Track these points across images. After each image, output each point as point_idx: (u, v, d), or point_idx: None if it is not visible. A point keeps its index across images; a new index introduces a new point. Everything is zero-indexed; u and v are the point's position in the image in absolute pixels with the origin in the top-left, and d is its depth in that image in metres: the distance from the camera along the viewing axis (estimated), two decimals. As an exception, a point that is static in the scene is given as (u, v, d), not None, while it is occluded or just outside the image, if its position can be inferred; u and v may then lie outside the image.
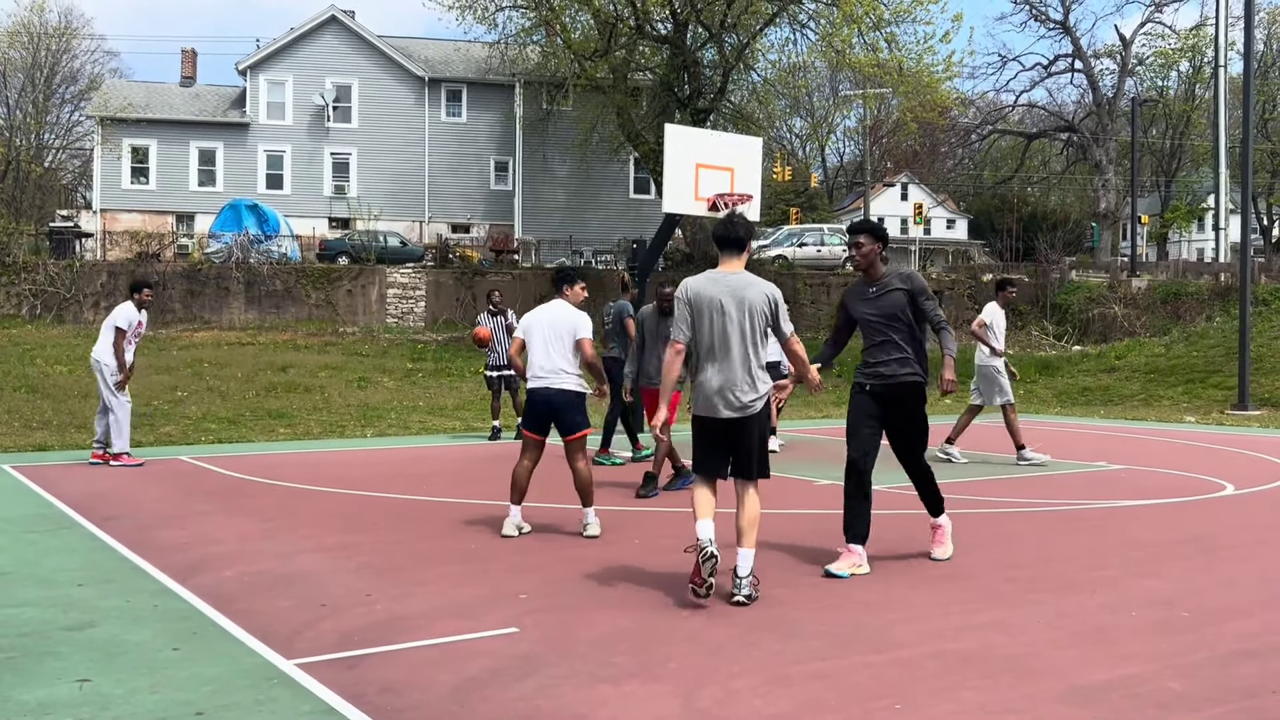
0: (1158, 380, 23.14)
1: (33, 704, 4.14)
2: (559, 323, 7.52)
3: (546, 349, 7.48)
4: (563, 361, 7.45)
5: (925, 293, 6.60)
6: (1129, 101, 44.66)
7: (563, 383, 7.44)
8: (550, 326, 7.53)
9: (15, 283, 27.50)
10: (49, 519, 8.24)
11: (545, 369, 7.45)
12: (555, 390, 7.42)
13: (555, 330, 7.49)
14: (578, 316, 7.53)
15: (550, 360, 7.44)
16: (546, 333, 7.52)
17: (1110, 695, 4.26)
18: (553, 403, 7.44)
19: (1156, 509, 8.92)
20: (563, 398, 7.42)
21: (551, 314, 7.60)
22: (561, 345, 7.46)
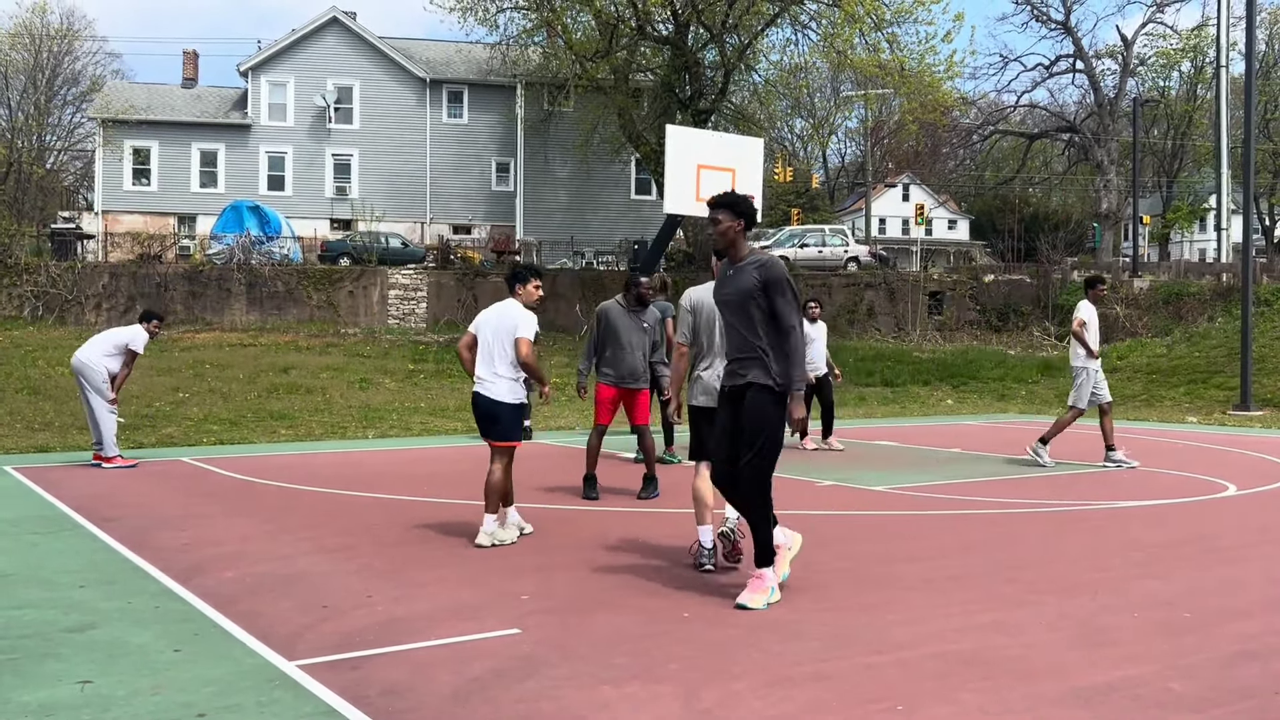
0: (1159, 381, 23.13)
1: (34, 705, 4.14)
2: (503, 323, 7.31)
3: (489, 351, 7.30)
4: (502, 365, 7.25)
5: (781, 287, 5.55)
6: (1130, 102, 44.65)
7: (499, 391, 7.25)
8: (494, 327, 7.34)
9: (17, 284, 27.53)
10: (51, 520, 8.25)
11: (484, 374, 7.29)
12: (489, 399, 7.26)
13: (497, 332, 7.31)
14: (520, 316, 7.28)
15: (490, 364, 7.27)
16: (488, 335, 7.33)
17: (1111, 696, 4.26)
18: (487, 409, 7.28)
19: (1158, 510, 8.91)
20: (497, 407, 7.25)
21: (498, 313, 7.39)
22: (503, 348, 7.26)
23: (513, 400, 7.29)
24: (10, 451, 12.81)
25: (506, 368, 7.27)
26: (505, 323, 7.30)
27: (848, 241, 39.01)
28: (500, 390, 7.25)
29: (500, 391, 7.25)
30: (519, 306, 7.37)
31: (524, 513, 8.59)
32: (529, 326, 7.27)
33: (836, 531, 7.88)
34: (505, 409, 7.28)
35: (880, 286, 32.91)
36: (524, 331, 7.23)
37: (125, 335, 11.38)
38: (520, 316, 7.28)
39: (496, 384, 7.26)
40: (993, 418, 19.02)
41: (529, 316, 7.32)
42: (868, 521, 8.29)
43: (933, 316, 32.58)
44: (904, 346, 29.42)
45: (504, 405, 7.26)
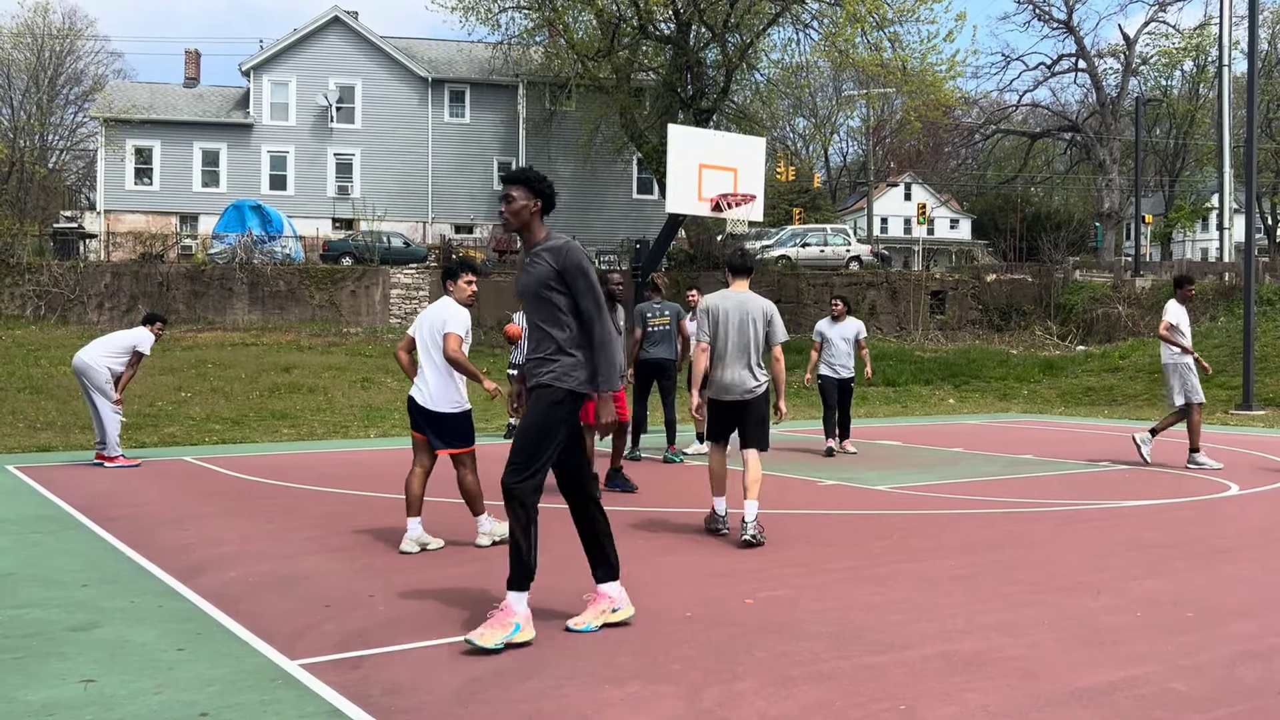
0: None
1: (38, 705, 4.14)
2: (435, 323, 7.00)
3: (426, 353, 6.99)
4: (430, 368, 6.95)
5: (575, 274, 4.98)
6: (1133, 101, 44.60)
7: (437, 402, 6.92)
8: (429, 328, 7.03)
9: (20, 284, 27.55)
10: (53, 520, 8.26)
11: (420, 380, 7.02)
12: (429, 410, 6.94)
13: (432, 333, 6.99)
14: (451, 312, 6.97)
15: (425, 368, 6.99)
16: (425, 336, 7.02)
17: (1114, 696, 4.25)
18: (426, 417, 6.98)
19: (1161, 509, 8.91)
20: (438, 418, 6.95)
21: (432, 314, 7.08)
22: (437, 349, 6.95)
23: (452, 410, 6.96)
24: (13, 451, 12.82)
25: (442, 368, 6.97)
26: (437, 323, 7.00)
27: (849, 241, 39.01)
28: (441, 399, 6.92)
29: (441, 401, 6.92)
30: (451, 303, 7.08)
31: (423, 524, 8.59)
32: (459, 321, 6.96)
33: (839, 531, 7.87)
34: (447, 419, 6.95)
35: (882, 286, 32.90)
36: (452, 327, 6.91)
37: (130, 338, 11.41)
38: (450, 312, 6.98)
39: (432, 387, 6.94)
40: (995, 417, 19.01)
41: (460, 313, 7.00)
42: (870, 521, 8.29)
43: (935, 316, 32.56)
44: (906, 346, 29.41)
45: (444, 414, 6.93)
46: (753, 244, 34.77)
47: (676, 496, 9.42)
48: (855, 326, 12.97)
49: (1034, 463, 12.03)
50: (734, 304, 7.40)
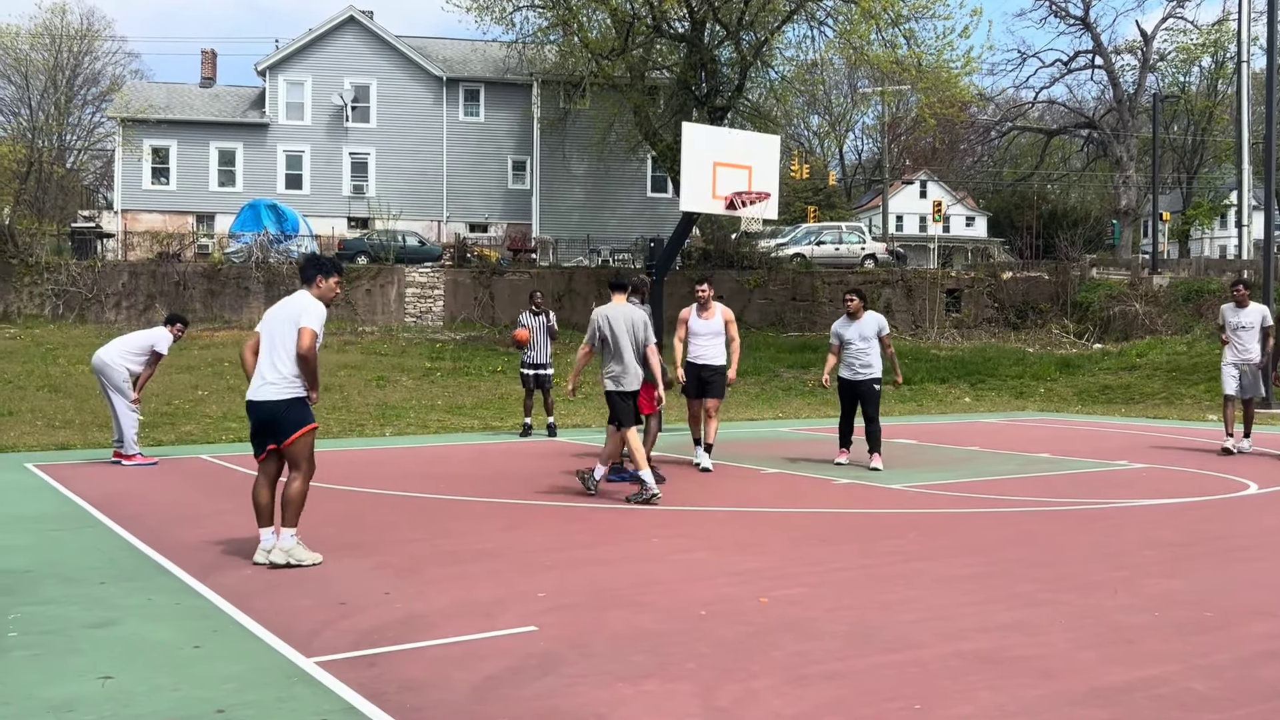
0: (1180, 378, 22.96)
1: (57, 701, 4.17)
2: (288, 314, 6.50)
3: (270, 347, 6.49)
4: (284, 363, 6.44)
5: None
6: (1150, 97, 44.32)
7: (272, 391, 6.44)
8: (279, 319, 6.51)
9: (38, 283, 27.73)
10: (72, 517, 8.31)
11: (261, 374, 6.51)
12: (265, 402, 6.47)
13: (282, 324, 6.48)
14: (308, 304, 6.49)
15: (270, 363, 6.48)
16: (271, 330, 6.52)
17: (1132, 696, 4.23)
18: (266, 415, 6.49)
19: (1178, 508, 8.85)
20: (275, 408, 6.45)
21: (283, 306, 6.60)
22: (285, 343, 6.44)
23: (289, 396, 6.44)
24: (32, 449, 12.91)
25: (286, 365, 6.43)
26: (289, 313, 6.49)
27: (864, 239, 38.89)
28: (273, 390, 6.45)
29: (273, 392, 6.44)
30: (308, 295, 6.58)
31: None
32: (315, 317, 6.44)
33: (853, 530, 7.86)
34: (281, 406, 6.45)
35: (897, 284, 32.79)
36: (306, 320, 6.39)
37: (149, 338, 11.46)
38: (307, 304, 6.48)
39: (270, 385, 6.46)
40: (1011, 416, 18.93)
41: (318, 306, 6.51)
42: (885, 520, 8.27)
43: (950, 314, 32.45)
44: (921, 344, 29.31)
45: (276, 404, 6.45)
46: (767, 242, 34.72)
47: (690, 496, 9.42)
48: (875, 322, 11.40)
49: (1050, 461, 11.98)
50: (619, 314, 9.27)
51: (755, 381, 23.27)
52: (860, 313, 11.46)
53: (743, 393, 22.18)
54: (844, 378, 11.54)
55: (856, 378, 11.41)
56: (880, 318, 11.49)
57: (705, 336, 11.06)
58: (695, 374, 11.01)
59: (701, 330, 11.06)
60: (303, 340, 6.36)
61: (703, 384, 11.03)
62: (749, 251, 32.73)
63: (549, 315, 14.45)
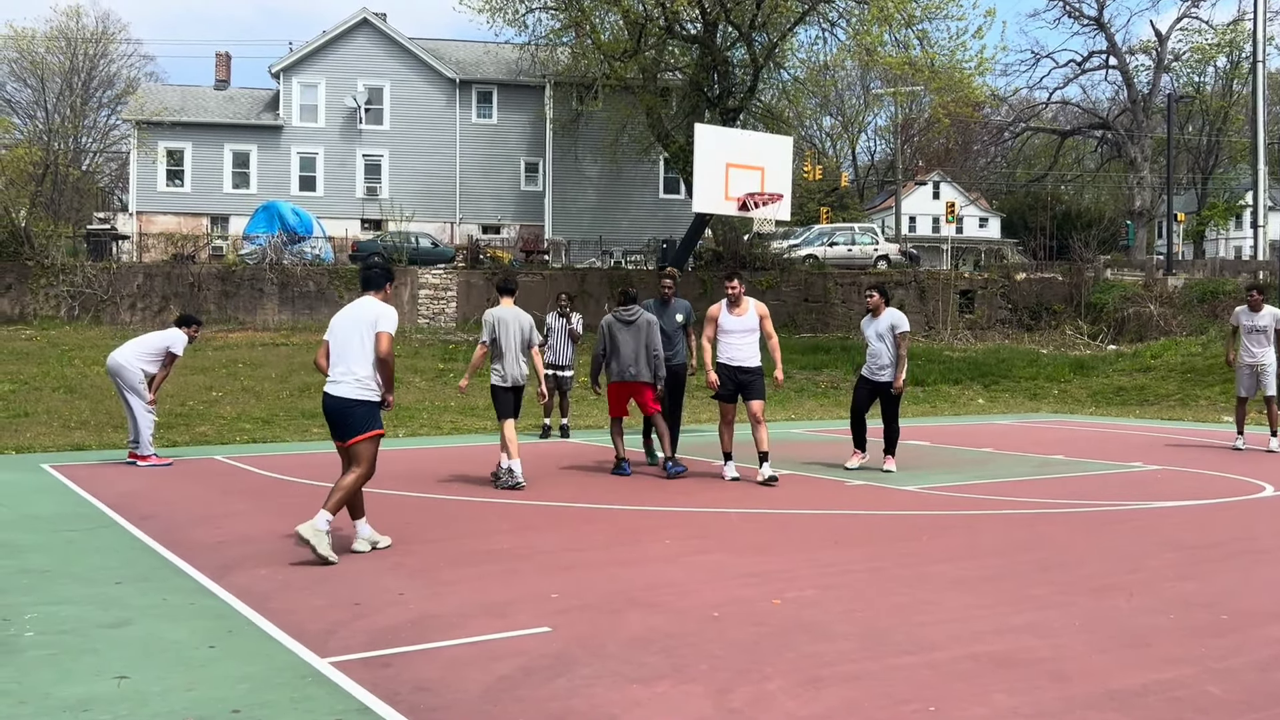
0: (1194, 380, 22.84)
1: (72, 700, 4.19)
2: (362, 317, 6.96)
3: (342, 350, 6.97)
4: (357, 364, 6.88)
5: None
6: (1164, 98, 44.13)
7: (347, 389, 6.89)
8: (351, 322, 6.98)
9: (54, 284, 27.88)
10: (87, 518, 8.35)
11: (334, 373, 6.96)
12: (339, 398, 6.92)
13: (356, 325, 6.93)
14: (382, 310, 6.95)
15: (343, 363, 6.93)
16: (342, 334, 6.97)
17: (1147, 699, 4.21)
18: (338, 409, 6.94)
19: (1194, 510, 8.81)
20: (347, 405, 6.91)
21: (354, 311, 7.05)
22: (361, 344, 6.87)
23: (363, 396, 6.87)
24: (47, 450, 12.98)
25: (362, 367, 6.86)
26: (365, 316, 6.91)
27: (877, 240, 38.80)
28: (348, 389, 6.85)
29: (348, 390, 6.85)
30: (379, 302, 7.02)
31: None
32: (393, 322, 6.92)
33: (867, 532, 7.84)
34: (354, 406, 6.87)
35: (910, 285, 32.71)
36: (385, 325, 6.87)
37: (164, 339, 11.51)
38: (382, 310, 6.93)
39: (345, 383, 6.87)
40: (1025, 417, 18.86)
41: (393, 312, 6.98)
42: (899, 522, 8.25)
43: (963, 315, 32.35)
44: (934, 345, 29.23)
45: (352, 402, 6.86)
46: (780, 243, 34.66)
47: (703, 498, 9.41)
48: (889, 319, 11.02)
49: (1064, 463, 11.93)
50: (509, 316, 9.82)
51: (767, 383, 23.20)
52: (880, 309, 11.12)
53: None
54: (863, 375, 11.31)
55: (875, 379, 11.13)
56: (897, 315, 11.10)
57: (738, 334, 10.23)
58: (730, 376, 10.20)
59: (734, 328, 10.24)
60: (382, 344, 6.83)
61: (741, 387, 10.23)
62: (761, 253, 32.69)
63: (572, 318, 14.46)
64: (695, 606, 5.59)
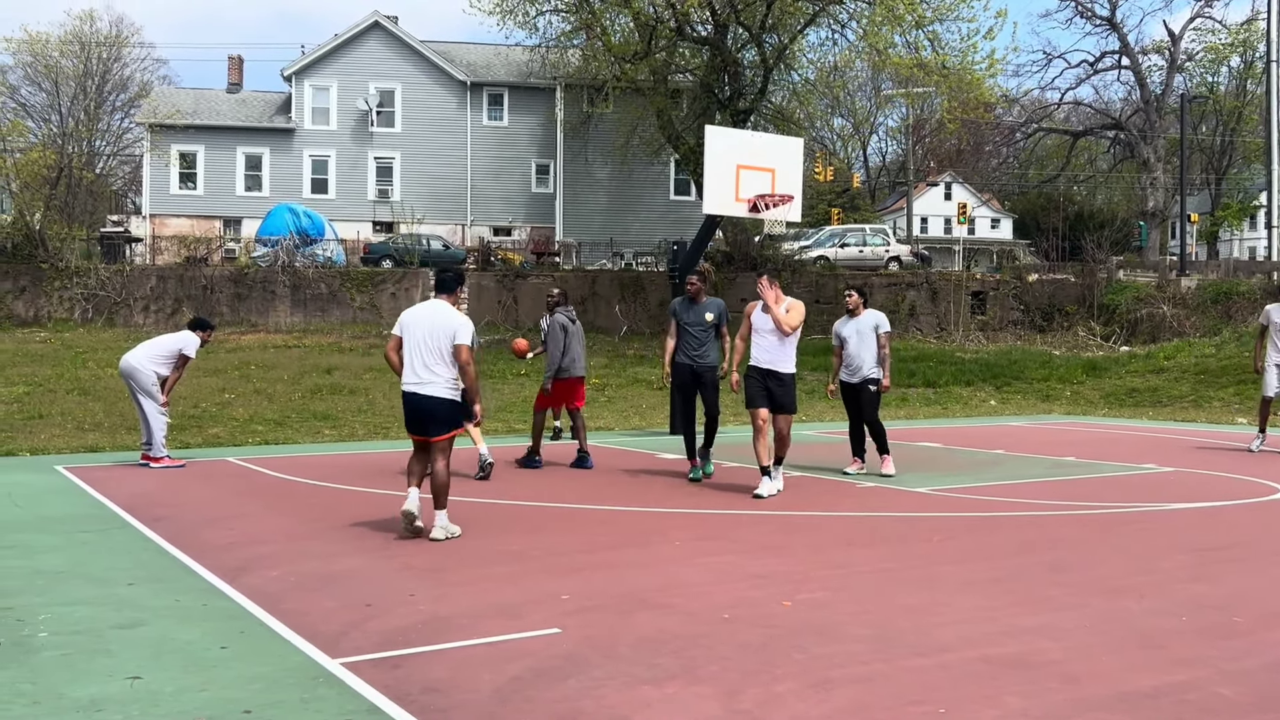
0: (1208, 381, 22.74)
1: (85, 700, 4.22)
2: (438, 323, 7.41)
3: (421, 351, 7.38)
4: (438, 365, 7.35)
5: None
6: (1178, 98, 43.93)
7: (436, 389, 7.35)
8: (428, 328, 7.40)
9: (68, 287, 28.04)
10: (100, 519, 8.39)
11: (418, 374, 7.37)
12: (428, 396, 7.35)
13: (432, 331, 7.37)
14: (459, 320, 7.41)
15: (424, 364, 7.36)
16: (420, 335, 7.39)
17: (1159, 702, 4.20)
18: (426, 408, 7.37)
19: (1207, 512, 8.77)
20: (436, 404, 7.37)
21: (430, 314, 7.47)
22: (440, 349, 7.35)
23: (450, 396, 7.36)
24: (61, 451, 13.05)
25: (445, 368, 7.32)
26: (444, 326, 7.33)
27: (889, 241, 38.73)
28: (438, 388, 7.32)
29: (439, 389, 7.32)
30: (453, 309, 7.44)
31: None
32: (470, 333, 7.37)
33: (878, 533, 7.83)
34: (443, 404, 7.34)
35: (922, 286, 32.65)
36: (464, 338, 7.33)
37: (177, 341, 11.55)
38: (460, 322, 7.36)
39: (434, 383, 7.32)
40: (1037, 419, 18.80)
41: (467, 322, 7.41)
42: (910, 523, 8.23)
43: (975, 316, 32.26)
44: (946, 347, 29.16)
45: (442, 401, 7.33)
46: (791, 244, 34.63)
47: (714, 499, 9.41)
48: (873, 319, 10.74)
49: (1077, 465, 11.89)
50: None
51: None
52: (860, 310, 10.83)
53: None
54: (844, 381, 10.97)
55: (852, 380, 10.83)
56: (878, 315, 10.82)
57: (770, 334, 9.55)
58: (761, 380, 9.46)
59: (766, 328, 9.55)
60: (461, 356, 7.33)
61: (770, 395, 9.44)
62: (772, 254, 32.68)
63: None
64: (706, 608, 5.59)
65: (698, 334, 10.36)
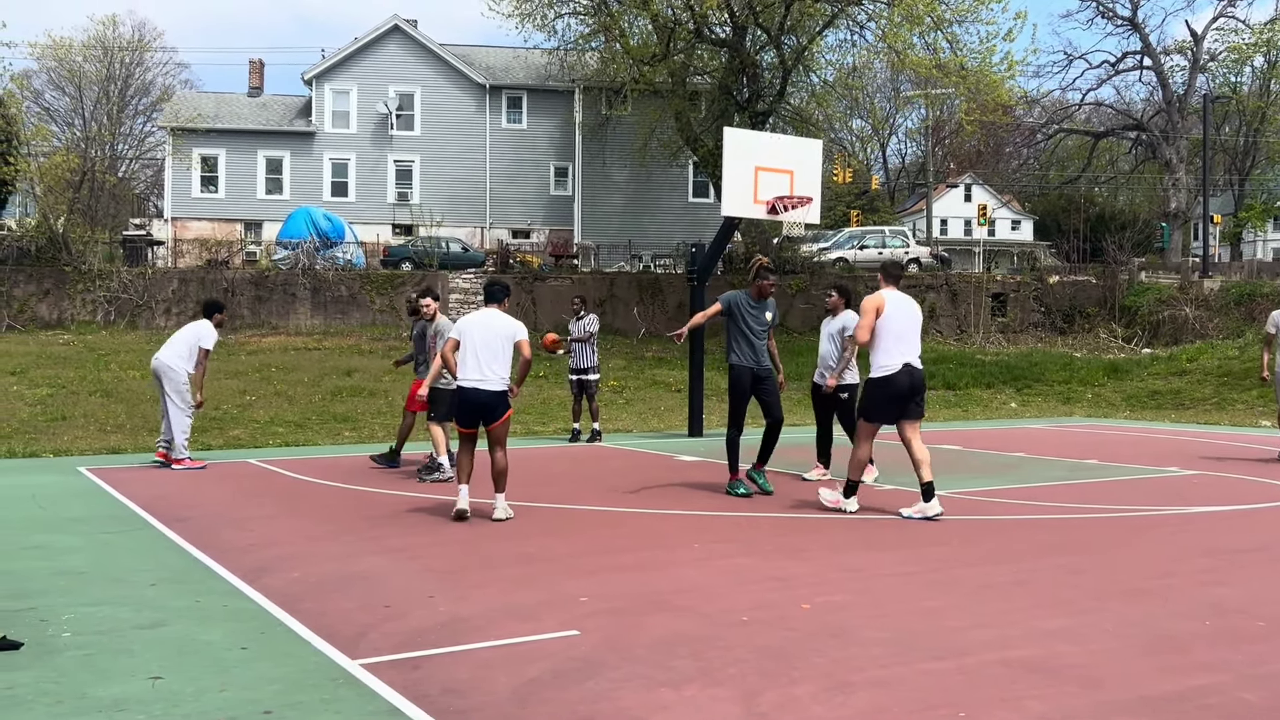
0: (1231, 384, 22.55)
1: (108, 701, 4.25)
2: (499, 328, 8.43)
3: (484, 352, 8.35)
4: (500, 365, 8.38)
5: None
6: (1200, 98, 43.60)
7: (495, 384, 8.37)
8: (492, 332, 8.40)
9: (91, 289, 28.25)
10: (122, 520, 8.46)
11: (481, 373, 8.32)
12: (491, 392, 8.34)
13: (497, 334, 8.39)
14: (517, 323, 8.51)
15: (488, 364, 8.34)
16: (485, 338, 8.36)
17: (1181, 706, 4.16)
18: (488, 402, 8.34)
19: (1229, 515, 8.70)
20: (496, 398, 8.36)
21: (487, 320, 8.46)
22: (503, 349, 8.41)
23: (503, 389, 8.41)
24: (84, 452, 13.16)
25: (502, 367, 8.36)
26: (503, 327, 8.40)
27: (908, 243, 38.61)
28: (497, 384, 8.34)
29: (497, 384, 8.34)
30: (509, 316, 8.53)
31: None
32: (524, 331, 8.52)
33: (897, 536, 7.80)
34: (502, 395, 8.38)
35: (942, 288, 32.52)
36: (523, 335, 8.48)
37: (194, 335, 11.56)
38: (516, 325, 8.50)
39: (494, 380, 8.33)
40: (1058, 421, 18.69)
41: (522, 325, 8.53)
42: (929, 526, 8.20)
43: (996, 318, 32.11)
44: (966, 349, 29.03)
45: (500, 394, 8.37)
46: (810, 246, 34.55)
47: (732, 502, 9.40)
48: (843, 321, 10.44)
49: (1098, 467, 11.82)
50: None
51: (799, 387, 23.17)
52: (839, 310, 10.53)
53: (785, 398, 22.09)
54: (814, 382, 10.62)
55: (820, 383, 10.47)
56: (850, 317, 10.28)
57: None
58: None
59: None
60: (525, 351, 8.43)
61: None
62: (791, 256, 32.62)
63: (586, 320, 14.51)
64: (723, 610, 5.59)
65: (761, 334, 9.67)
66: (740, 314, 9.56)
